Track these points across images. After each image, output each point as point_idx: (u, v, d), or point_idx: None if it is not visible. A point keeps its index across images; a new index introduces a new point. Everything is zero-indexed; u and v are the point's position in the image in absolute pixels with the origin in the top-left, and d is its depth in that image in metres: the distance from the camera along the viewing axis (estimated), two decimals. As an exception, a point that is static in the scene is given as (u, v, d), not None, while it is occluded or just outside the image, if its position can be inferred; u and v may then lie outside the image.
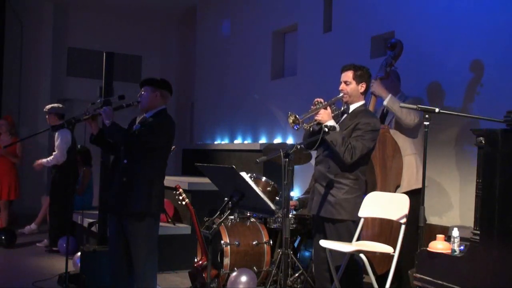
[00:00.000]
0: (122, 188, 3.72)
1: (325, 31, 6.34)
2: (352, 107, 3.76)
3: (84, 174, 7.06)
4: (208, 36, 9.19)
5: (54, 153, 6.35)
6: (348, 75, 3.74)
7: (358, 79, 3.73)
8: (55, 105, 6.57)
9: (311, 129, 3.74)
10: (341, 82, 3.76)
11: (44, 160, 6.42)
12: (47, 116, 6.46)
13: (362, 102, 3.77)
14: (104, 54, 4.97)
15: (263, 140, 7.40)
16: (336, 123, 3.63)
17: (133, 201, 3.69)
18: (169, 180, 6.48)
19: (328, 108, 3.61)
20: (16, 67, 9.21)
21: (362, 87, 3.74)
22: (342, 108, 3.80)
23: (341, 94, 3.74)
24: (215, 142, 8.69)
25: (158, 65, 10.69)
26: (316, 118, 3.59)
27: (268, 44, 7.49)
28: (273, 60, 7.47)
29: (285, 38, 7.53)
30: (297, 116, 3.45)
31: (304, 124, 3.62)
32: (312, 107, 3.61)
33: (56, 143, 6.34)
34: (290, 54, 7.33)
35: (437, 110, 3.19)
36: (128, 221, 3.72)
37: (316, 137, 3.51)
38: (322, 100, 3.63)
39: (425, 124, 3.17)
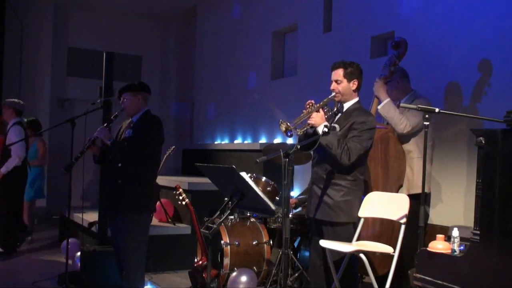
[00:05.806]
0: (116, 190, 3.80)
1: (325, 31, 6.34)
2: (346, 106, 3.68)
3: (39, 144, 7.03)
4: (208, 35, 9.19)
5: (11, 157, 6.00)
6: (338, 73, 3.63)
7: (349, 76, 3.62)
8: (16, 100, 6.35)
9: (305, 133, 3.69)
10: (332, 81, 3.67)
11: (3, 169, 5.98)
12: (2, 108, 6.17)
13: (355, 100, 3.68)
14: (104, 54, 4.98)
15: (263, 140, 7.39)
16: (330, 124, 3.55)
17: (128, 202, 3.77)
18: (169, 180, 6.50)
19: (321, 110, 3.53)
20: (16, 67, 9.19)
21: (354, 85, 3.65)
22: (335, 108, 3.70)
23: (333, 94, 3.66)
24: (215, 142, 8.68)
25: (158, 65, 10.68)
26: (309, 122, 3.51)
27: (268, 44, 7.49)
28: (273, 60, 7.46)
29: (285, 38, 7.53)
30: (288, 123, 3.40)
31: (297, 130, 3.56)
32: (304, 110, 3.54)
33: (12, 142, 5.87)
34: (290, 54, 7.33)
35: (437, 110, 3.18)
36: (121, 220, 3.80)
37: (311, 139, 3.46)
38: (313, 102, 3.56)
39: (425, 124, 3.17)
